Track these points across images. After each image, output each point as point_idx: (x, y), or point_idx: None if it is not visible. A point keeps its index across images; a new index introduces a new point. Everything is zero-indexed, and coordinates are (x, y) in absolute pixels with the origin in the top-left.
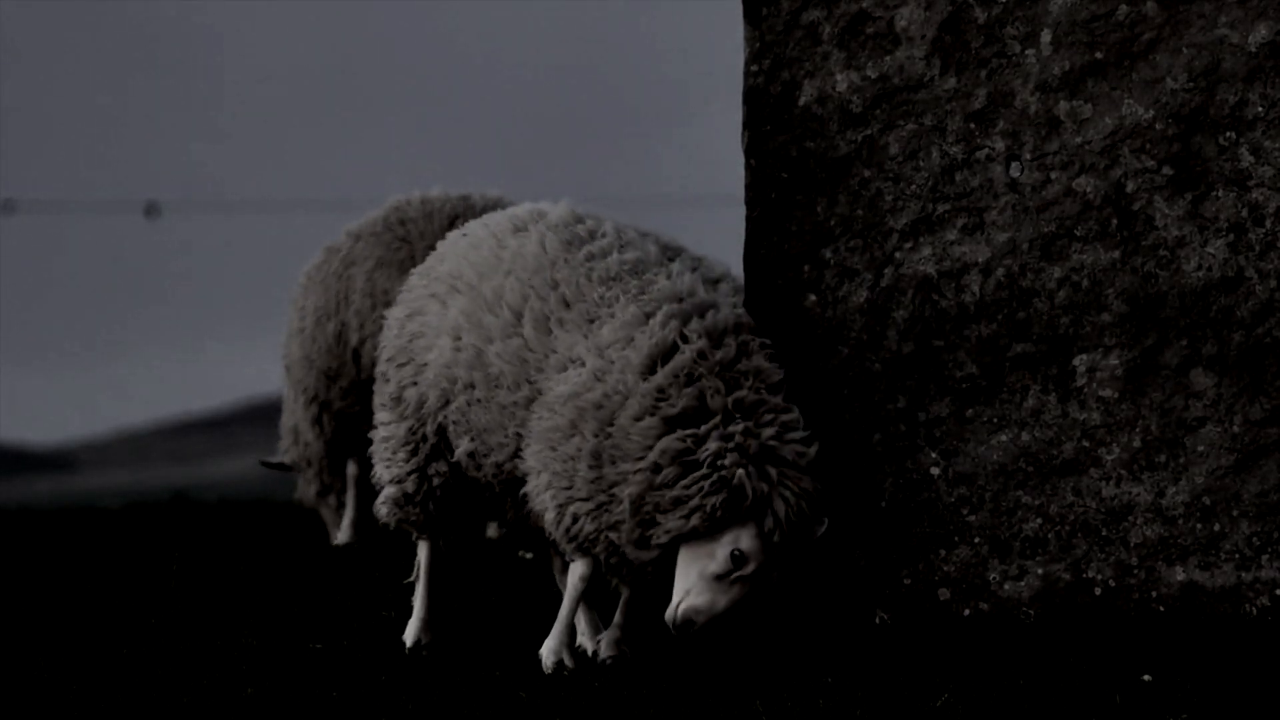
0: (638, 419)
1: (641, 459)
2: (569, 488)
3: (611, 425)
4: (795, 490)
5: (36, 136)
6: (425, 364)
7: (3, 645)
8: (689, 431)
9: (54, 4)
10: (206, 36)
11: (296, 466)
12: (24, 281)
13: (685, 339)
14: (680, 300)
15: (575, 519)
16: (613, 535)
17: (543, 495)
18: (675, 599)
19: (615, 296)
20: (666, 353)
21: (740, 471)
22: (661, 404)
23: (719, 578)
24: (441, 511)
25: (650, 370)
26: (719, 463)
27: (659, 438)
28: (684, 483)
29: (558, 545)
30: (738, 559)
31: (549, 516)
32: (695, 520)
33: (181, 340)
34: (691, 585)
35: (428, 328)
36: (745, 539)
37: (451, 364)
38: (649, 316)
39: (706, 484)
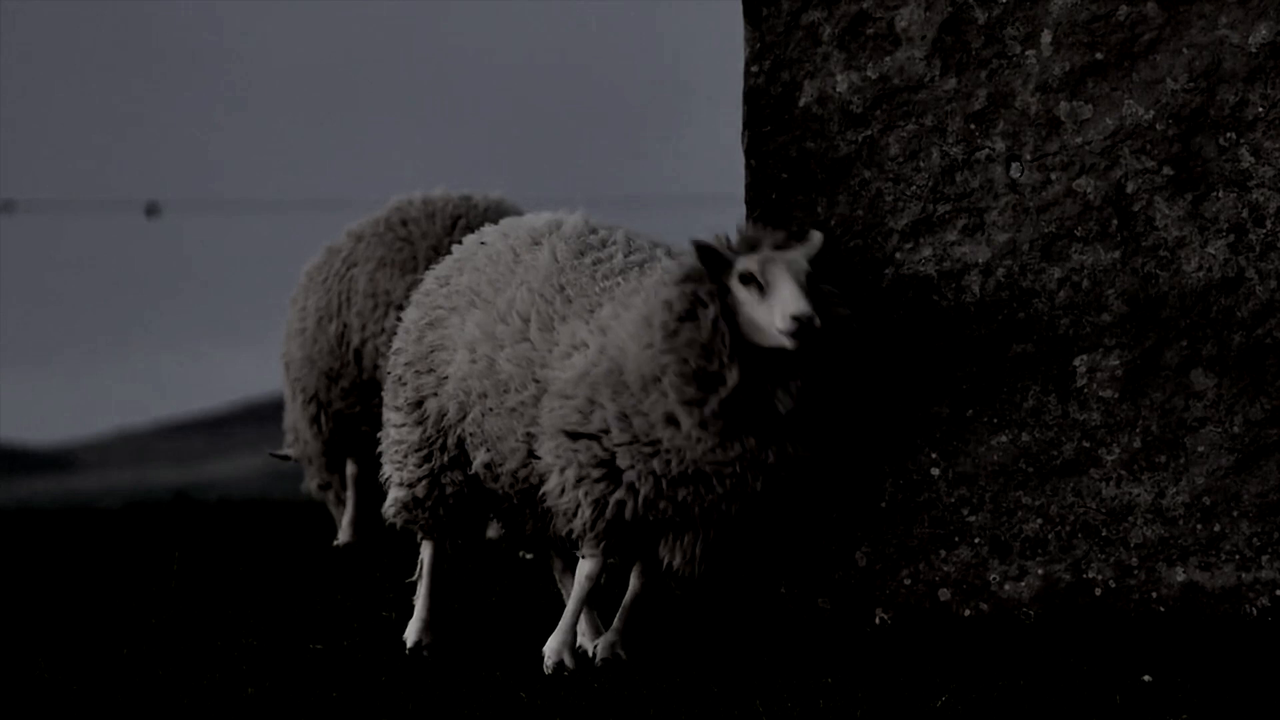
0: (641, 352)
1: (653, 372)
2: (603, 477)
3: (625, 385)
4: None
5: (36, 136)
6: (446, 376)
7: (3, 645)
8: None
9: (55, 4)
10: (207, 36)
11: (300, 460)
12: (24, 281)
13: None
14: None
15: (620, 506)
16: (678, 443)
17: (573, 492)
18: (775, 331)
19: (616, 284)
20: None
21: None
22: (652, 324)
23: (762, 301)
24: (451, 516)
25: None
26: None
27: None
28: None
29: (580, 542)
30: (745, 276)
31: (585, 513)
32: (712, 305)
33: (181, 340)
34: (767, 325)
35: (449, 340)
36: (740, 264)
37: (467, 376)
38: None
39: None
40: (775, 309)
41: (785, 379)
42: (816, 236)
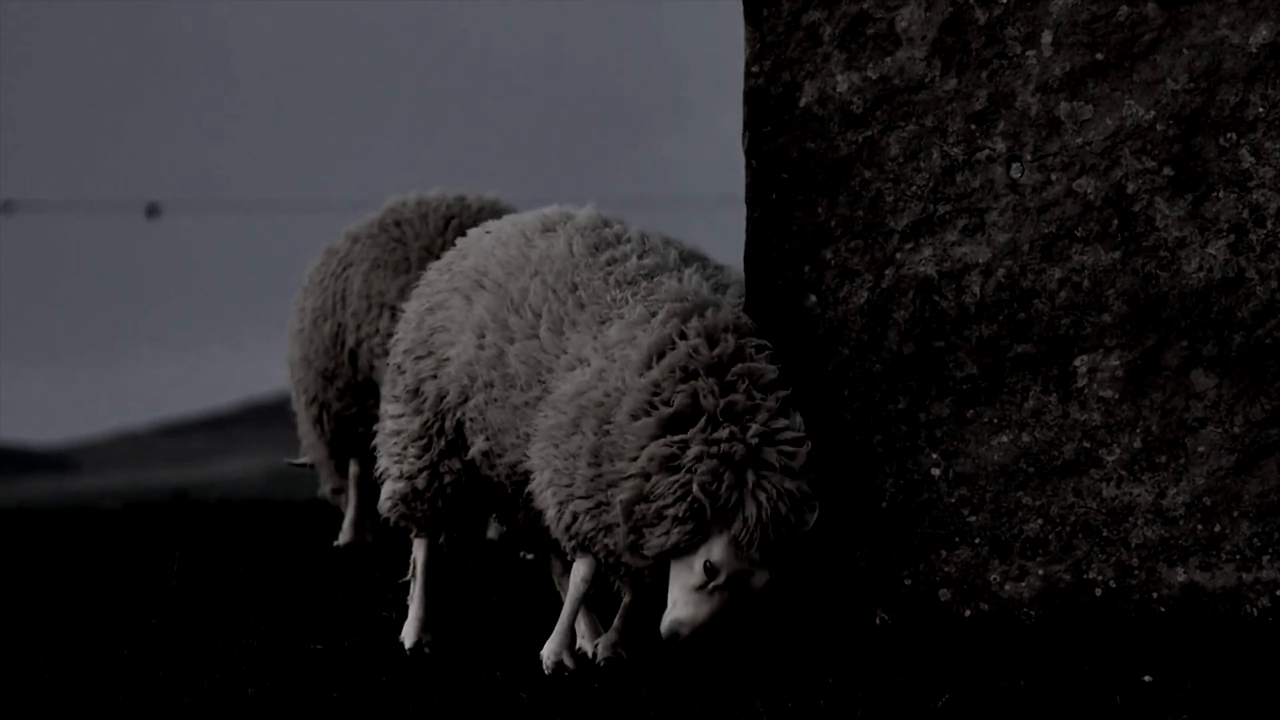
0: (634, 417)
1: (635, 461)
2: (569, 485)
3: (610, 423)
4: (771, 494)
5: (36, 136)
6: (447, 359)
7: (3, 645)
8: (677, 438)
9: (55, 4)
10: (208, 36)
11: (315, 466)
12: (24, 281)
13: (683, 335)
14: (684, 300)
15: (575, 517)
16: (607, 540)
17: (544, 493)
18: (666, 612)
19: (626, 299)
20: (663, 349)
21: (701, 480)
22: (656, 401)
23: (699, 589)
24: (450, 509)
25: (648, 366)
26: (695, 467)
27: (652, 439)
28: (663, 491)
29: (560, 545)
30: (710, 569)
31: (550, 514)
32: (675, 536)
33: (182, 340)
34: (676, 598)
35: (451, 322)
36: (717, 549)
37: (474, 361)
38: (653, 315)
39: (680, 491)
40: (676, 604)
41: None
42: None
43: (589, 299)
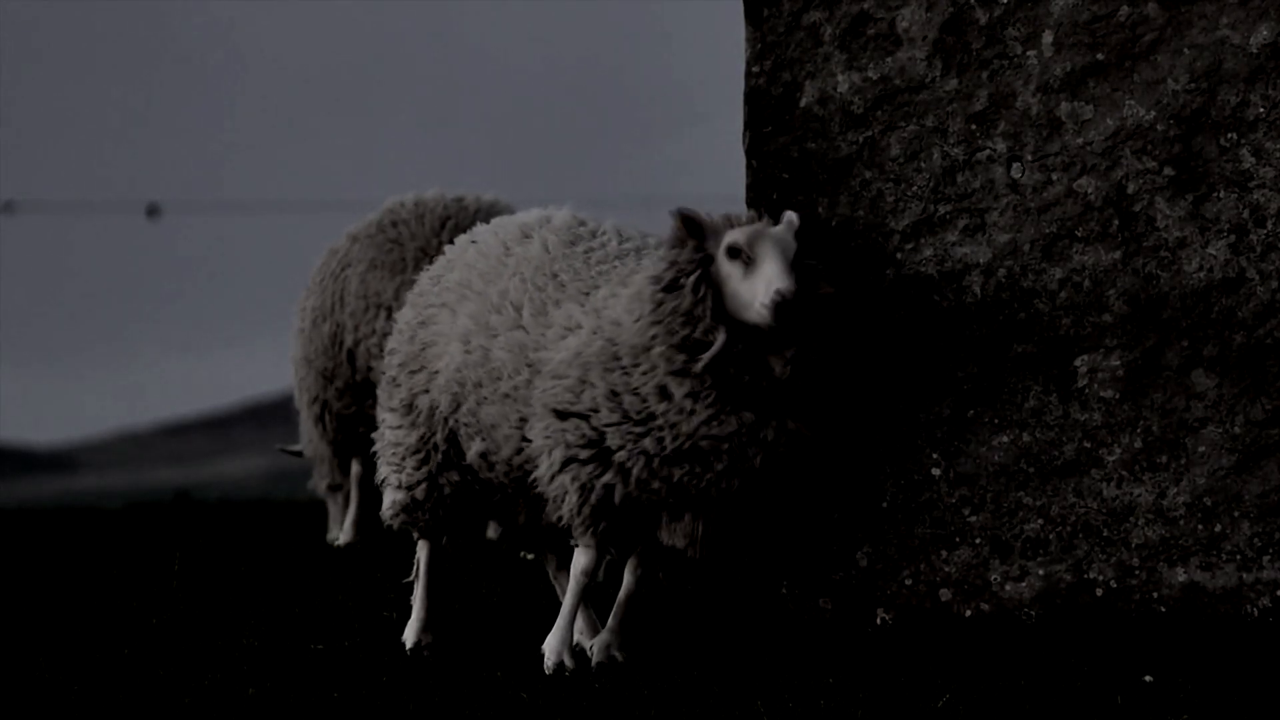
0: (632, 325)
1: (643, 343)
2: (590, 459)
3: (617, 360)
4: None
5: (37, 136)
6: (437, 371)
7: (3, 645)
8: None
9: (56, 4)
10: (209, 36)
11: (308, 457)
12: (25, 282)
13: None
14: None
15: (608, 489)
16: (671, 418)
17: (560, 477)
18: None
19: (612, 268)
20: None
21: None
22: (646, 297)
23: (745, 278)
24: (451, 516)
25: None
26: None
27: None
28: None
29: (571, 531)
30: (732, 250)
31: (572, 499)
32: (692, 289)
33: (182, 341)
34: (747, 303)
35: (440, 336)
36: (726, 238)
37: (462, 367)
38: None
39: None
40: (759, 284)
41: (778, 347)
42: (791, 215)
43: (570, 279)
